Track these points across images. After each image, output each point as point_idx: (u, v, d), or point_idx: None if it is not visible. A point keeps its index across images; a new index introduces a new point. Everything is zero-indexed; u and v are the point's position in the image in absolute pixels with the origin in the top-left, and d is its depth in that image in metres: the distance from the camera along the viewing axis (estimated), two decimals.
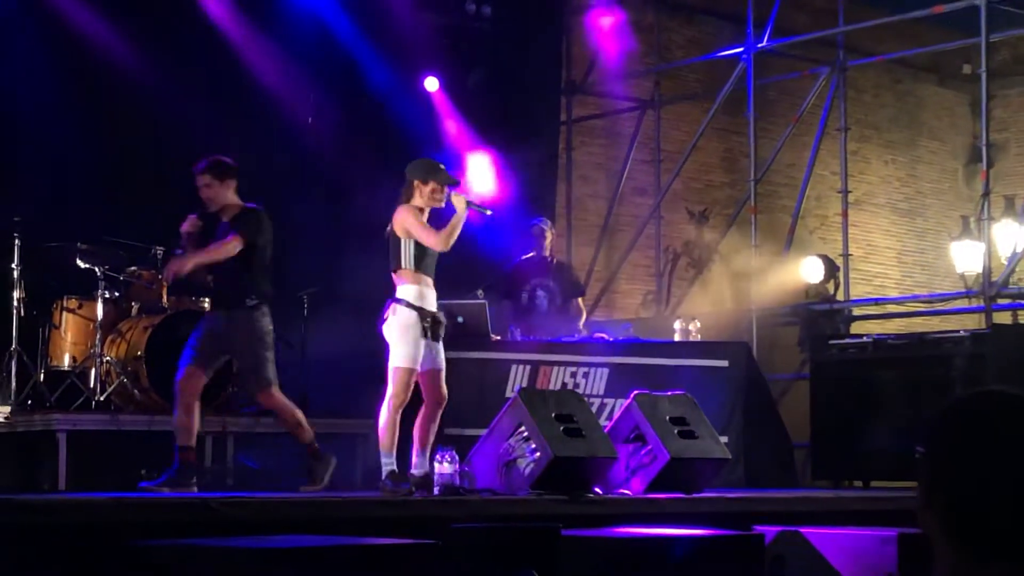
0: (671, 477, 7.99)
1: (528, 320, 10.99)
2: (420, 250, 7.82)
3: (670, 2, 15.86)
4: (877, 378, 11.09)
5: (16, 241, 9.22)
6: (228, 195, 8.47)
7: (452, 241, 7.83)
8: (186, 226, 8.31)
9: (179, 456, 7.83)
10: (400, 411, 7.74)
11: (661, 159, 15.45)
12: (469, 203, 7.93)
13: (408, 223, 7.80)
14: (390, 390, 7.71)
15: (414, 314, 7.72)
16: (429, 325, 7.76)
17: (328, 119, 12.24)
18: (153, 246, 10.06)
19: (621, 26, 15.17)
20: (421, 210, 7.91)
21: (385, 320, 7.80)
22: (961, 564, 2.09)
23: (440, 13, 13.07)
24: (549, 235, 11.37)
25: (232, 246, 8.16)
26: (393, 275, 7.90)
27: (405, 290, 7.81)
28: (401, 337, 7.70)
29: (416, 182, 7.93)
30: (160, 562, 4.45)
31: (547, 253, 11.30)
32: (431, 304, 7.85)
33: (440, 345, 7.87)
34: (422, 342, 7.73)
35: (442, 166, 8.11)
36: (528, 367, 10.19)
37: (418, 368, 7.75)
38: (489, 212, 8.11)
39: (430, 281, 7.87)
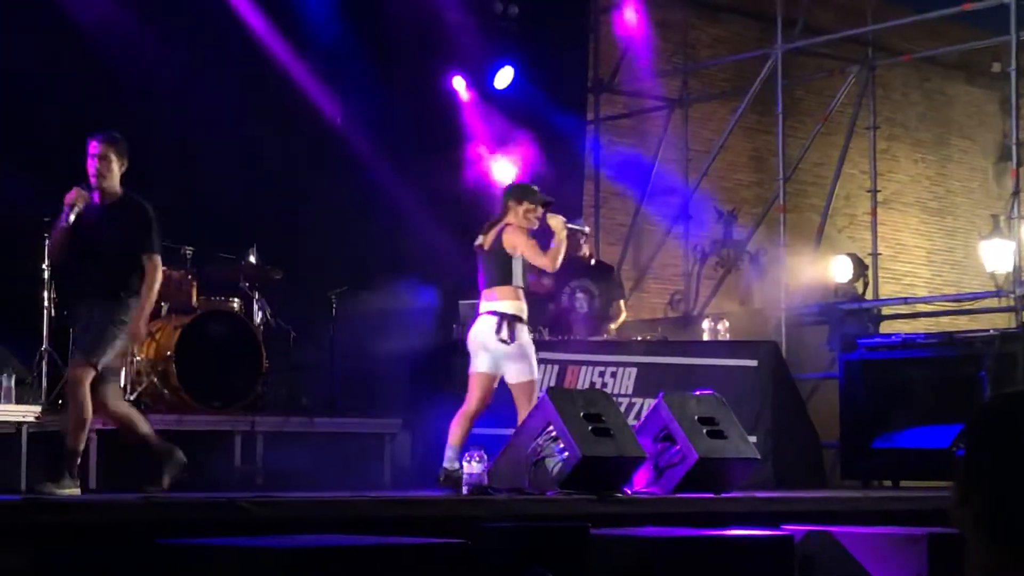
0: (700, 477, 7.96)
1: (568, 321, 10.99)
2: (525, 268, 8.22)
3: (698, 1, 15.83)
4: (906, 377, 11.05)
5: (46, 242, 9.25)
6: (118, 178, 7.88)
7: (559, 261, 8.18)
8: (72, 197, 7.68)
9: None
10: (472, 417, 8.15)
11: (689, 158, 15.42)
12: (565, 223, 8.28)
13: (519, 242, 8.12)
14: (522, 406, 8.04)
15: (526, 328, 8.19)
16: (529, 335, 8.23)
17: (357, 120, 12.25)
18: (182, 246, 10.09)
19: (648, 25, 15.16)
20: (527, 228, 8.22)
21: (498, 334, 8.07)
22: (996, 565, 2.07)
23: (468, 12, 13.08)
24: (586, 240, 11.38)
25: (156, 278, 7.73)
26: (493, 289, 8.18)
27: (516, 306, 8.14)
28: (526, 353, 8.09)
29: (511, 203, 8.25)
30: (189, 561, 4.47)
31: (586, 254, 11.30)
32: (526, 314, 8.23)
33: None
34: (532, 355, 8.15)
35: (536, 188, 8.40)
36: (556, 366, 10.19)
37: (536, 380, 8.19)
38: (587, 230, 8.58)
39: (522, 294, 8.23)
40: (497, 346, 8.03)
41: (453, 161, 12.76)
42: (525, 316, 8.16)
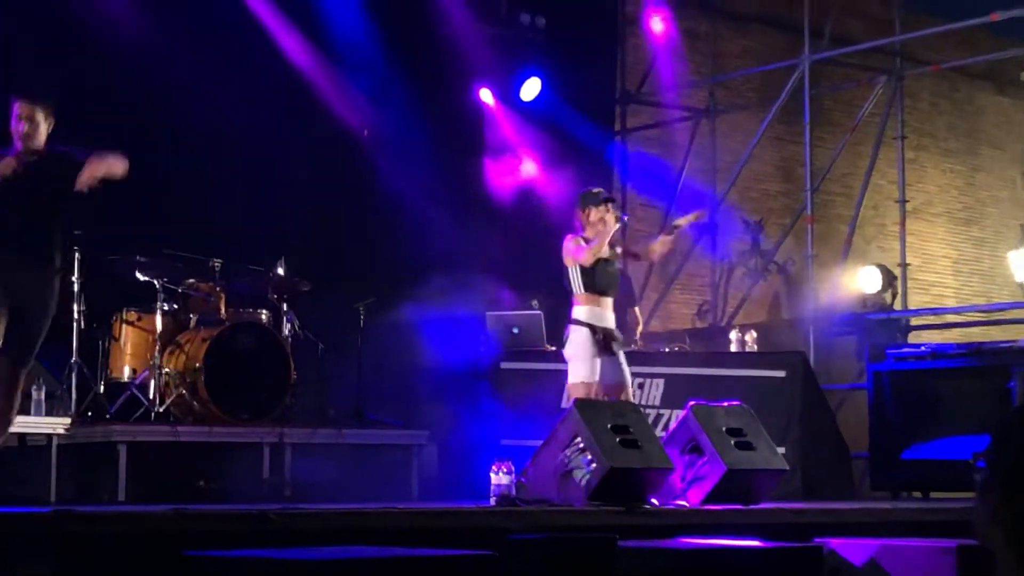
0: (728, 488, 7.94)
1: None
2: (586, 274, 8.35)
3: (725, 12, 15.82)
4: (935, 388, 11.01)
5: (76, 255, 9.30)
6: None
7: (597, 252, 8.26)
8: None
9: None
10: None
11: (716, 168, 15.41)
12: (618, 218, 8.48)
13: (567, 251, 8.37)
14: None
15: (585, 331, 8.28)
16: (601, 339, 8.30)
17: (383, 131, 12.29)
18: (211, 258, 10.13)
19: (676, 35, 15.16)
20: (587, 240, 8.36)
21: (565, 342, 8.42)
22: None
23: (495, 24, 13.11)
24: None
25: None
26: (572, 300, 8.48)
27: (578, 310, 8.38)
28: (576, 354, 8.31)
29: (578, 213, 8.51)
30: (218, 573, 4.48)
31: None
32: (605, 321, 8.37)
33: (620, 359, 8.41)
34: (598, 358, 8.29)
35: (597, 191, 8.61)
36: None
37: (596, 381, 8.30)
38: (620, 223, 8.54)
39: (605, 300, 8.39)
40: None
41: (480, 173, 12.78)
42: (595, 320, 8.31)
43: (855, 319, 13.72)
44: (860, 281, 14.09)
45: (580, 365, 8.29)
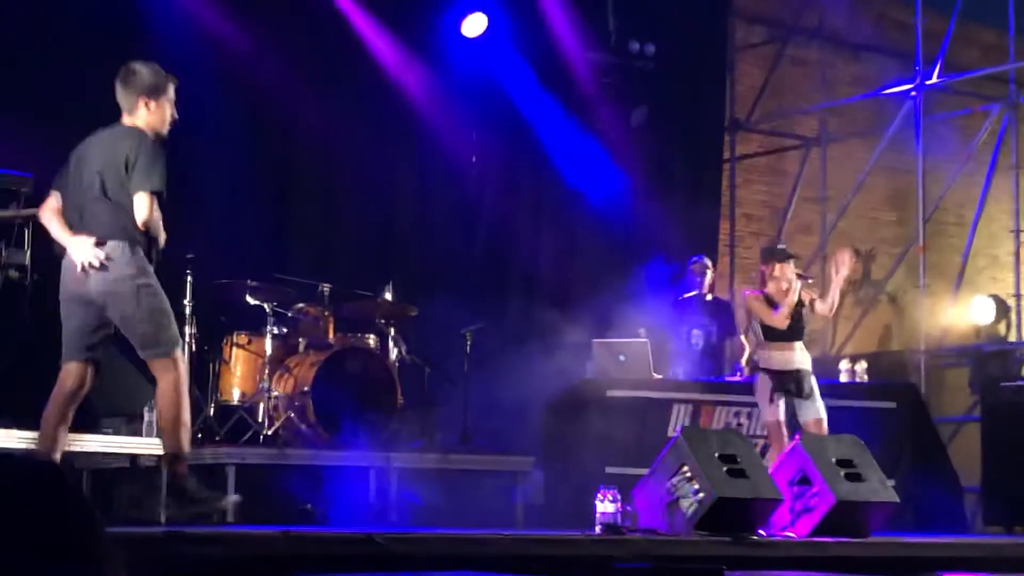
0: (837, 520, 7.84)
1: (684, 360, 10.95)
2: (766, 327, 9.15)
3: (835, 38, 15.70)
4: None
5: (188, 278, 9.42)
6: None
7: (787, 316, 9.11)
8: None
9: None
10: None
11: (827, 197, 15.28)
12: (800, 275, 9.22)
13: (754, 310, 9.18)
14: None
15: (766, 377, 9.08)
16: (775, 386, 9.06)
17: (491, 158, 12.34)
18: (320, 283, 10.22)
19: (787, 63, 15.08)
20: (767, 295, 9.22)
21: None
22: None
23: (604, 52, 13.11)
24: (709, 273, 11.31)
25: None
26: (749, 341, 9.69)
27: (761, 357, 9.19)
28: (759, 398, 9.20)
29: (762, 267, 9.29)
30: None
31: (705, 291, 11.24)
32: (791, 364, 9.11)
33: (808, 400, 9.10)
34: (774, 398, 9.04)
35: (781, 247, 9.44)
36: (690, 406, 10.14)
37: (774, 419, 9.05)
38: (811, 280, 9.39)
39: (789, 345, 9.16)
40: None
41: (588, 201, 12.78)
42: (776, 366, 9.09)
43: (968, 350, 13.51)
44: (973, 312, 13.89)
45: (763, 409, 9.15)
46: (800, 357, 9.18)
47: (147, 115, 6.70)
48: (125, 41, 9.79)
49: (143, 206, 6.51)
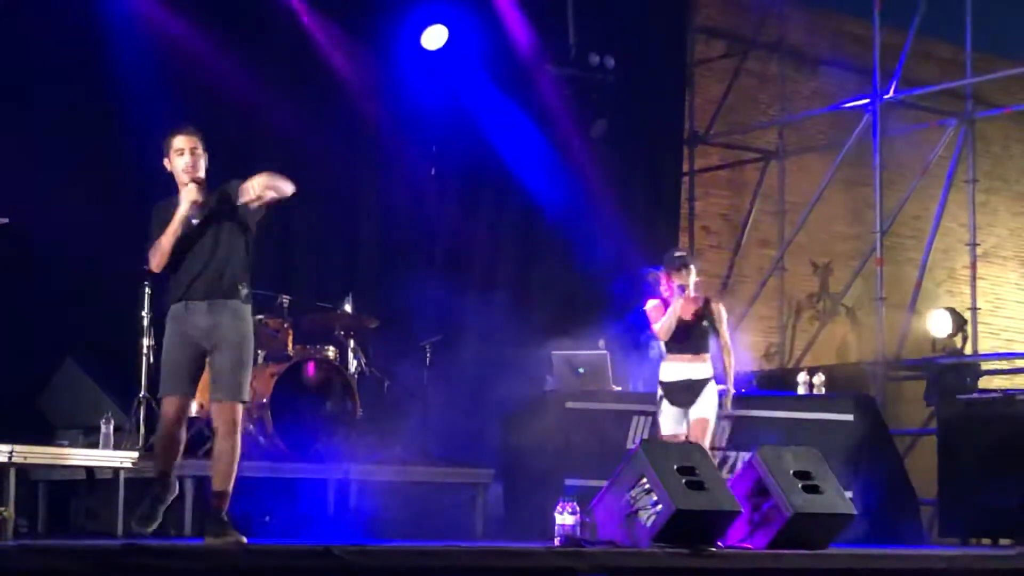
0: (795, 532, 7.87)
1: (644, 371, 10.97)
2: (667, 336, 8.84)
3: (794, 53, 15.79)
4: (1006, 433, 10.87)
5: (146, 290, 9.39)
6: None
7: (668, 329, 8.77)
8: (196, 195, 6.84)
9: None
10: None
11: (785, 210, 15.36)
12: (682, 287, 8.78)
13: (649, 313, 8.89)
14: None
15: (659, 390, 8.86)
16: (665, 395, 8.83)
17: (451, 169, 12.34)
18: (279, 295, 10.20)
19: (744, 77, 15.16)
20: (665, 301, 8.85)
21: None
22: None
23: (564, 64, 13.14)
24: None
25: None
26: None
27: (660, 369, 8.94)
28: (658, 411, 8.90)
29: (661, 276, 8.93)
30: None
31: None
32: (681, 375, 8.80)
33: (690, 408, 8.79)
34: (672, 411, 8.81)
35: (678, 254, 9.03)
36: (650, 418, 10.15)
37: (668, 433, 8.81)
38: (682, 296, 8.78)
39: (683, 357, 8.83)
40: None
41: (550, 213, 12.80)
42: (667, 378, 8.86)
43: (925, 363, 13.59)
44: (930, 325, 13.97)
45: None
46: (692, 369, 8.83)
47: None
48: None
49: None
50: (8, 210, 8.33)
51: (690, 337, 8.82)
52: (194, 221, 6.80)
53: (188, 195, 6.78)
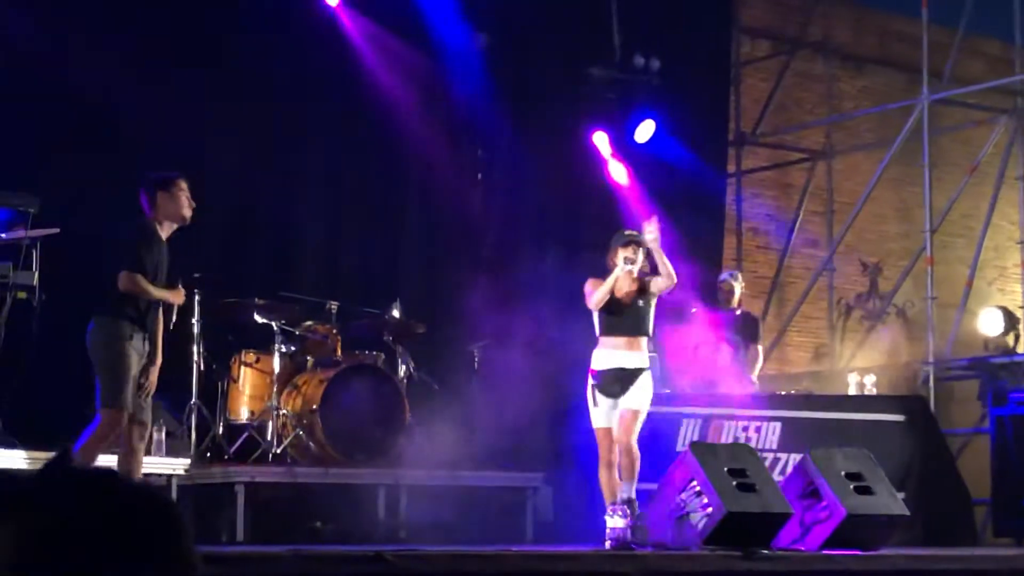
0: (847, 534, 7.83)
1: (712, 374, 10.95)
2: (602, 316, 8.22)
3: (841, 52, 15.71)
4: None
5: (196, 297, 9.44)
6: None
7: (600, 298, 8.15)
8: None
9: None
10: (603, 469, 8.06)
11: (833, 210, 15.28)
12: (627, 259, 8.14)
13: (585, 288, 8.26)
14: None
15: (588, 377, 8.16)
16: (597, 384, 8.09)
17: (496, 176, 12.34)
18: (327, 301, 10.23)
19: (792, 77, 15.10)
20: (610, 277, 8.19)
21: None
22: None
23: (608, 67, 13.12)
24: (738, 289, 11.38)
25: None
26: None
27: (592, 356, 8.24)
28: (589, 400, 8.18)
29: (609, 253, 8.30)
30: None
31: (735, 306, 11.30)
32: (614, 363, 8.12)
33: (621, 399, 8.08)
34: (598, 400, 8.11)
35: (628, 232, 8.41)
36: (699, 421, 10.12)
37: (600, 425, 8.12)
38: (629, 268, 8.16)
39: (618, 341, 8.19)
40: None
41: (594, 217, 12.77)
42: (599, 366, 8.17)
43: (976, 362, 13.48)
44: (981, 324, 13.85)
45: (592, 413, 8.22)
46: (626, 357, 8.18)
47: None
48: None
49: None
50: (61, 218, 8.41)
51: (625, 320, 8.20)
52: None
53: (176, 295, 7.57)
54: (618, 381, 8.10)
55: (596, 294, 8.15)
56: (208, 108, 10.59)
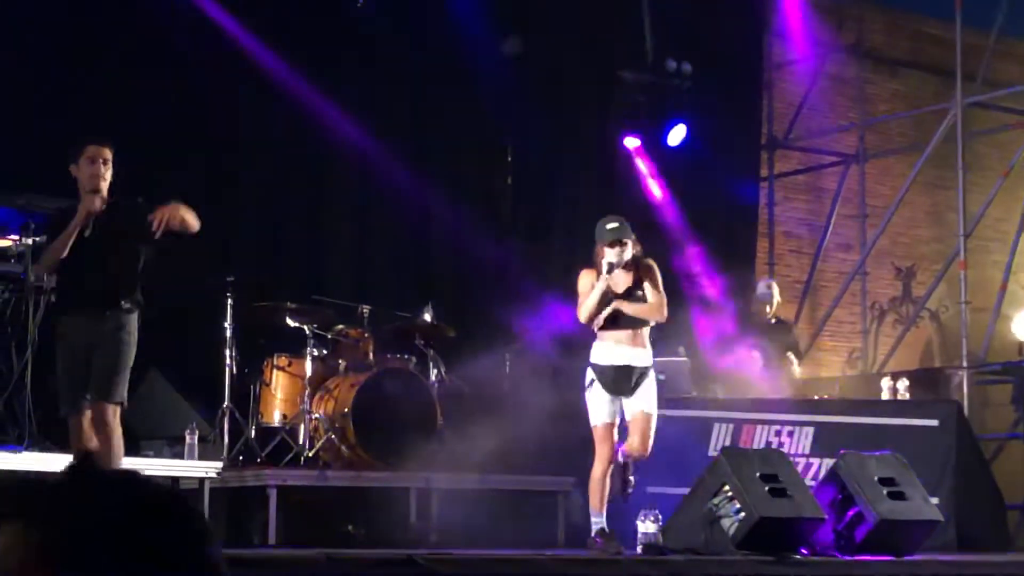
0: (880, 539, 7.80)
1: (743, 379, 10.95)
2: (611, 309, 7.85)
3: (874, 55, 15.66)
4: None
5: (229, 301, 9.47)
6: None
7: (587, 311, 7.80)
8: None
9: None
10: (604, 468, 7.80)
11: (866, 214, 15.23)
12: (610, 264, 7.76)
13: (579, 287, 7.87)
14: (596, 454, 7.85)
15: (589, 371, 7.85)
16: (609, 378, 7.78)
17: (527, 179, 12.34)
18: (360, 305, 10.25)
19: (825, 80, 15.05)
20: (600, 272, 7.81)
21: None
22: None
23: (641, 71, 13.11)
24: (775, 297, 11.42)
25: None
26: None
27: (591, 351, 7.91)
28: (586, 398, 7.87)
29: (597, 245, 7.91)
30: None
31: (769, 313, 11.34)
32: (620, 359, 7.82)
33: (630, 399, 7.84)
34: (606, 397, 7.78)
35: (609, 225, 7.91)
36: (731, 425, 10.09)
37: (604, 421, 7.82)
38: (610, 275, 7.74)
39: (620, 335, 7.84)
40: None
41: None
42: (602, 360, 7.83)
43: (1011, 367, 13.40)
44: (1015, 328, 13.77)
45: (590, 408, 7.88)
46: (632, 353, 7.88)
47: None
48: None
49: None
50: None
51: (625, 315, 7.85)
52: (86, 232, 7.01)
53: (87, 204, 6.98)
54: (627, 379, 7.83)
55: (585, 308, 7.77)
56: (238, 113, 10.63)
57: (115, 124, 9.93)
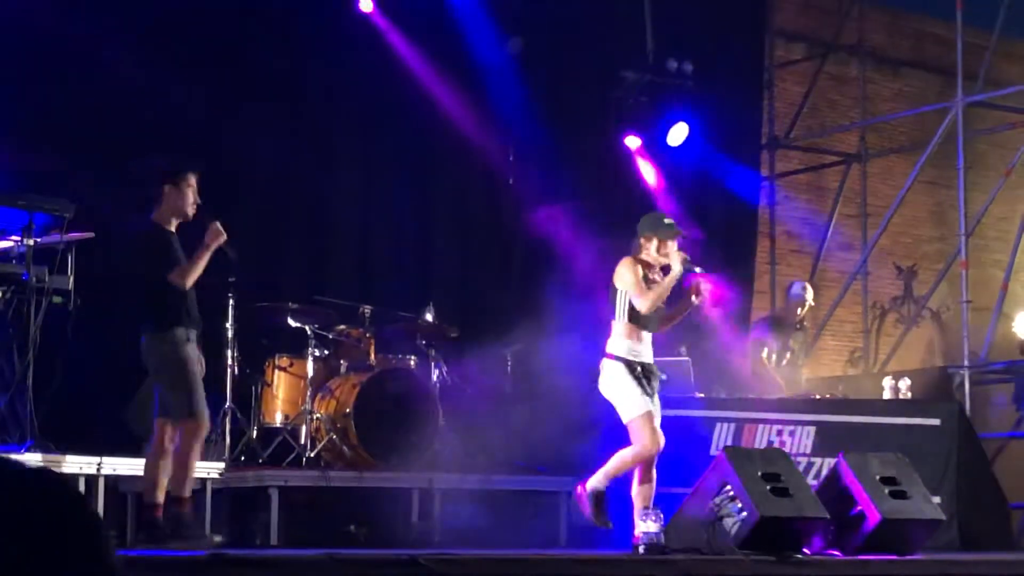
0: (882, 539, 7.80)
1: (760, 382, 10.99)
2: (630, 308, 7.65)
3: (875, 55, 15.66)
4: None
5: (230, 301, 9.47)
6: None
7: (658, 302, 7.57)
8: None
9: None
10: (645, 464, 7.63)
11: (867, 213, 15.22)
12: (687, 261, 7.60)
13: (625, 277, 7.60)
14: (634, 444, 7.59)
15: (621, 365, 7.61)
16: (641, 374, 7.61)
17: (528, 179, 12.34)
18: (361, 305, 10.25)
19: (825, 80, 15.04)
20: (648, 265, 7.67)
21: (600, 378, 7.74)
22: None
23: (641, 71, 13.11)
24: (808, 301, 11.51)
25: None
26: (610, 325, 7.77)
27: (615, 344, 7.67)
28: (618, 391, 7.62)
29: (642, 238, 7.74)
30: None
31: (800, 315, 11.42)
32: (648, 357, 7.69)
33: (655, 399, 7.69)
34: (639, 390, 7.58)
35: (668, 220, 7.82)
36: (733, 425, 10.10)
37: (647, 410, 7.55)
38: (698, 269, 7.64)
39: (645, 336, 7.68)
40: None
41: (627, 219, 12.75)
42: (636, 357, 7.61)
43: (1012, 366, 13.41)
44: (1017, 327, 13.78)
45: (626, 400, 7.56)
46: (651, 352, 7.74)
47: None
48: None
49: None
50: (96, 223, 8.44)
51: (655, 314, 7.67)
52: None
53: (215, 231, 7.38)
54: (654, 378, 7.71)
55: (654, 298, 7.51)
56: (243, 112, 10.63)
57: (115, 124, 9.95)
